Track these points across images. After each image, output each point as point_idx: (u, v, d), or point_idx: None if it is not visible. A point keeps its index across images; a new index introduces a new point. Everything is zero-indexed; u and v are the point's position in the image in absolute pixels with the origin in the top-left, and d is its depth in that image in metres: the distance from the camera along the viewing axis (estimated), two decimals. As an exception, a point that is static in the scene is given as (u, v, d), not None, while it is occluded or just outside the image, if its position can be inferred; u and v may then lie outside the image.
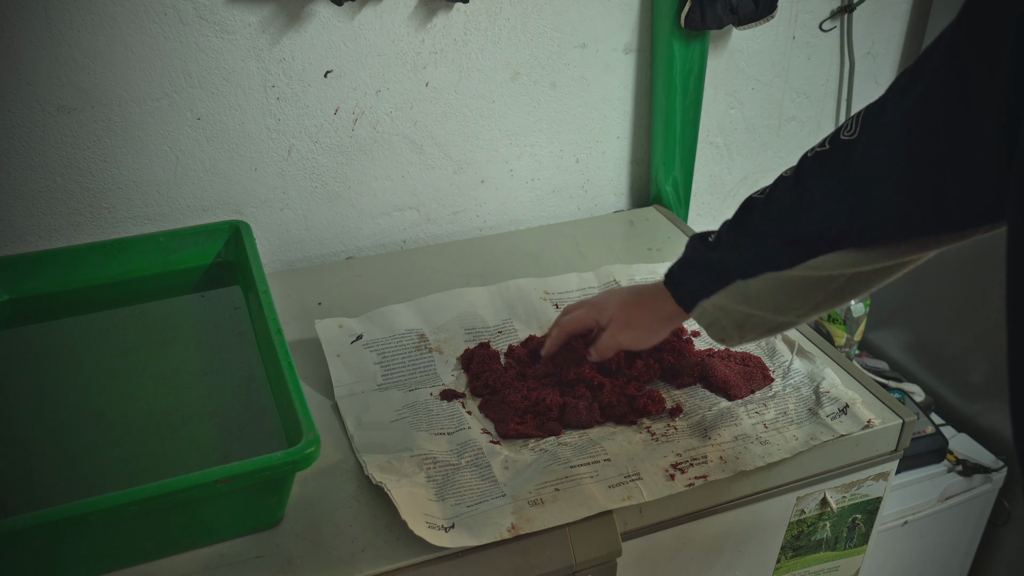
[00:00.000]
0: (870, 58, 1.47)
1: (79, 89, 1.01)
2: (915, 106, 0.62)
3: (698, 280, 0.83)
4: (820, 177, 0.72)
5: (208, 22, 1.03)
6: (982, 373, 1.45)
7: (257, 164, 1.14)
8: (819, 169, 0.72)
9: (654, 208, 1.37)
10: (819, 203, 0.72)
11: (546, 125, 1.28)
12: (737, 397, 0.93)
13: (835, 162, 0.70)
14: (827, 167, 0.71)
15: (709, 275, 0.81)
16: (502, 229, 1.33)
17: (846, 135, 0.70)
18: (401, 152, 1.21)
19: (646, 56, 1.29)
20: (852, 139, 0.69)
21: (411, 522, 0.74)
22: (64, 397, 0.89)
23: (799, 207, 0.74)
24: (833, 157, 0.71)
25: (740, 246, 0.79)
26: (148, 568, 0.73)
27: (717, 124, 1.41)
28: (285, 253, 1.22)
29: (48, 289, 1.00)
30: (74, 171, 1.05)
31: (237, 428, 0.85)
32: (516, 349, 0.98)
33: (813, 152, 0.73)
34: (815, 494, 0.94)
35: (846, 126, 0.70)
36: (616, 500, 0.80)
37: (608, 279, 1.12)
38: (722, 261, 0.80)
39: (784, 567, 0.99)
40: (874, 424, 0.91)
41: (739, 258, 0.79)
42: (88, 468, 0.81)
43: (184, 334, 0.99)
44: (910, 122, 0.63)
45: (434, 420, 0.89)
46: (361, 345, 0.97)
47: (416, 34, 1.13)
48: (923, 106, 0.61)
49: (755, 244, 0.77)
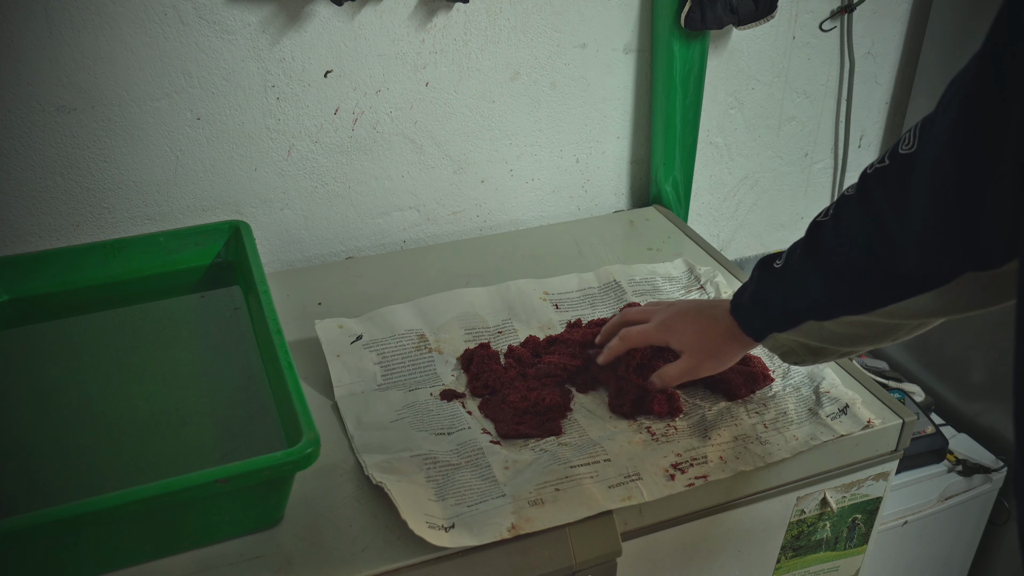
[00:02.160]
0: (870, 58, 1.47)
1: (79, 89, 1.01)
2: (956, 117, 0.58)
3: (768, 317, 0.80)
4: (883, 196, 0.68)
5: (208, 22, 1.03)
6: (982, 373, 1.45)
7: (257, 164, 1.14)
8: (881, 188, 0.68)
9: (654, 208, 1.37)
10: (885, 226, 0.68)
11: (546, 125, 1.28)
12: (737, 397, 0.93)
13: (895, 176, 0.66)
14: (888, 185, 0.67)
15: (779, 315, 0.79)
16: (502, 229, 1.33)
17: (904, 148, 0.66)
18: (401, 152, 1.21)
19: (646, 56, 1.29)
20: (911, 152, 0.65)
21: (411, 522, 0.74)
22: (64, 397, 0.89)
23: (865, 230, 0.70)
24: (892, 172, 0.67)
25: (808, 285, 0.75)
26: (148, 568, 0.73)
27: (717, 124, 1.41)
28: (285, 253, 1.22)
29: (48, 289, 1.00)
30: (74, 171, 1.05)
31: (237, 428, 0.85)
32: (516, 349, 0.98)
33: (873, 168, 0.69)
34: (815, 494, 0.94)
35: (904, 139, 0.66)
36: (616, 500, 0.80)
37: (608, 279, 1.12)
38: (792, 303, 0.77)
39: (784, 567, 0.99)
40: (874, 424, 0.91)
41: (809, 302, 0.76)
42: (88, 468, 0.81)
43: (184, 334, 0.99)
44: (954, 133, 0.58)
45: (434, 420, 0.89)
46: (361, 345, 0.97)
47: (416, 34, 1.13)
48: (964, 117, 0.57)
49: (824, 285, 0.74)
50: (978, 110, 0.55)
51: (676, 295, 1.11)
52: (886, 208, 0.68)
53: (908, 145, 0.65)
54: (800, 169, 1.53)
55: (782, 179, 1.53)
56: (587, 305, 1.08)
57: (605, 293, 1.10)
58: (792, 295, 0.78)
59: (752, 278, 0.83)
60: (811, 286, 0.76)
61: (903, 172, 0.65)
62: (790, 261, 0.78)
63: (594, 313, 1.06)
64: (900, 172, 0.66)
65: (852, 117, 1.51)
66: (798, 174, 1.53)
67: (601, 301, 1.09)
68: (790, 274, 0.77)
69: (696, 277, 1.14)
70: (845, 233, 0.72)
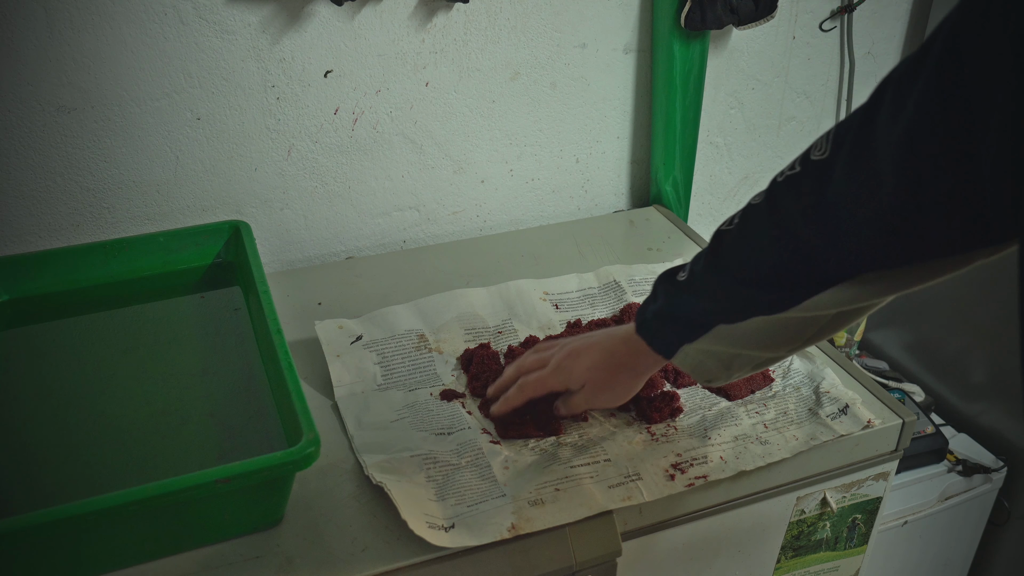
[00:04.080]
0: (870, 58, 1.47)
1: (79, 89, 1.01)
2: (908, 120, 0.56)
3: (676, 329, 0.77)
4: (794, 204, 0.66)
5: (208, 22, 1.03)
6: (982, 373, 1.45)
7: (257, 164, 1.14)
8: (793, 196, 0.66)
9: (654, 208, 1.37)
10: (797, 233, 0.66)
11: (546, 125, 1.28)
12: (737, 397, 0.93)
13: (809, 186, 0.65)
14: (800, 192, 0.66)
15: (687, 324, 0.76)
16: (502, 229, 1.33)
17: (816, 155, 0.64)
18: (401, 152, 1.21)
19: (646, 56, 1.29)
20: (824, 159, 0.63)
21: (411, 522, 0.74)
22: (64, 397, 0.89)
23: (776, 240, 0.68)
24: (806, 181, 0.65)
25: (716, 292, 0.73)
26: (148, 568, 0.73)
27: (717, 124, 1.41)
28: (285, 253, 1.22)
29: (48, 289, 1.00)
30: (74, 171, 1.05)
31: (237, 428, 0.85)
32: (516, 349, 0.98)
33: (783, 176, 0.67)
34: (815, 494, 0.94)
35: (816, 146, 0.65)
36: (616, 500, 0.80)
37: (608, 279, 1.12)
38: (700, 308, 0.75)
39: (784, 567, 0.99)
40: (874, 424, 0.91)
41: (718, 306, 0.73)
42: (88, 468, 0.81)
43: (184, 334, 0.99)
44: (900, 135, 0.57)
45: (434, 420, 0.89)
46: (361, 345, 0.97)
47: (416, 34, 1.13)
48: (916, 119, 0.56)
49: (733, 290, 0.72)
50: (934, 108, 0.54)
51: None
52: (797, 216, 0.66)
53: (820, 151, 0.64)
54: (800, 169, 1.53)
55: (782, 179, 1.52)
56: (587, 305, 1.08)
57: (605, 293, 1.10)
58: (699, 302, 0.75)
59: (655, 293, 0.79)
60: (718, 293, 0.73)
61: (818, 180, 0.64)
62: (694, 272, 0.75)
63: (594, 313, 1.06)
64: (814, 180, 0.64)
65: (852, 117, 1.51)
66: (798, 174, 1.53)
67: (601, 301, 1.09)
68: (696, 285, 0.75)
69: (696, 277, 1.14)
70: (753, 241, 0.70)
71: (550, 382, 0.86)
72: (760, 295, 0.71)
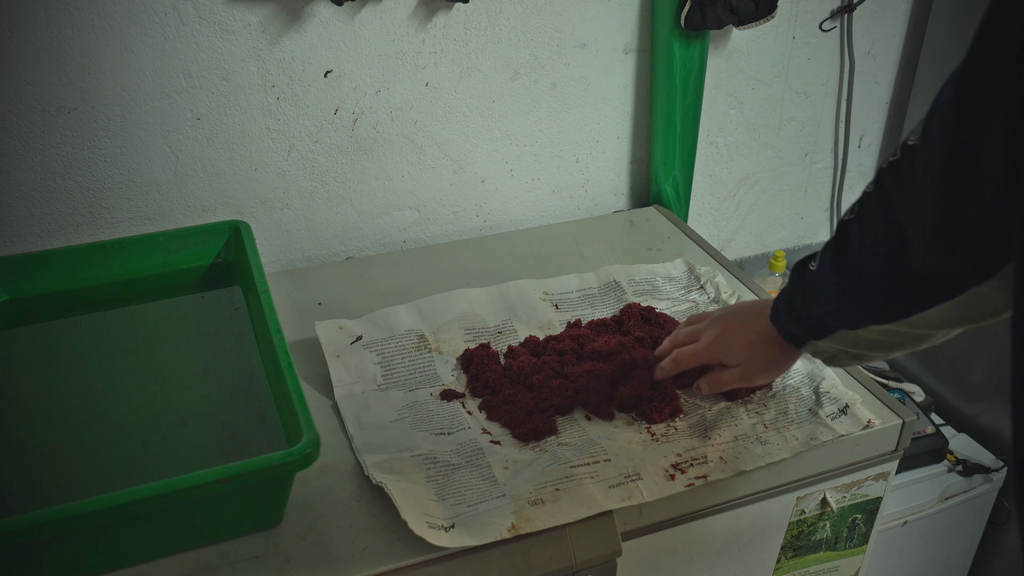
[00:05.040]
0: (870, 58, 1.47)
1: (79, 89, 1.01)
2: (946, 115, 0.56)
3: (804, 325, 0.80)
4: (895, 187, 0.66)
5: (208, 22, 1.03)
6: (982, 373, 1.45)
7: (257, 164, 1.14)
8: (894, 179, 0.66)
9: (654, 208, 1.37)
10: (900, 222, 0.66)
11: (546, 125, 1.28)
12: (737, 397, 0.93)
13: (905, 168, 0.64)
14: (899, 175, 0.65)
15: (814, 323, 0.79)
16: (502, 229, 1.33)
17: (912, 140, 0.63)
18: (401, 152, 1.21)
19: (646, 56, 1.29)
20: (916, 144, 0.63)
21: (411, 522, 0.75)
22: (64, 397, 0.89)
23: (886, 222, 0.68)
24: (902, 164, 0.65)
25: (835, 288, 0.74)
26: (148, 568, 0.73)
27: (717, 124, 1.41)
28: (285, 253, 1.22)
29: (48, 289, 1.00)
30: (74, 171, 1.05)
31: (237, 428, 0.85)
32: (516, 350, 0.98)
33: (887, 163, 0.67)
34: (815, 494, 0.94)
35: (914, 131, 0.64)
36: (616, 500, 0.80)
37: (608, 279, 1.12)
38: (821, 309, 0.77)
39: (784, 567, 0.99)
40: (874, 424, 0.92)
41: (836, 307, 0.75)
42: (88, 468, 0.81)
43: (184, 334, 0.99)
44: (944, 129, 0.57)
45: (434, 420, 0.89)
46: (361, 346, 0.97)
47: (416, 34, 1.13)
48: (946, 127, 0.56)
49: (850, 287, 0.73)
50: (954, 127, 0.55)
51: (676, 295, 1.11)
52: (898, 202, 0.66)
53: (916, 136, 0.63)
54: (800, 169, 1.53)
55: (782, 179, 1.53)
56: (587, 305, 1.08)
57: (605, 293, 1.10)
58: (819, 301, 0.77)
59: (789, 282, 0.82)
60: (835, 291, 0.75)
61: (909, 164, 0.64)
62: (823, 262, 0.77)
63: (594, 313, 1.06)
64: (907, 164, 0.64)
65: (852, 117, 1.51)
66: (798, 174, 1.54)
67: (601, 301, 1.09)
68: (822, 277, 0.76)
69: (696, 277, 1.14)
70: (869, 230, 0.71)
71: (704, 356, 0.89)
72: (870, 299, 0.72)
